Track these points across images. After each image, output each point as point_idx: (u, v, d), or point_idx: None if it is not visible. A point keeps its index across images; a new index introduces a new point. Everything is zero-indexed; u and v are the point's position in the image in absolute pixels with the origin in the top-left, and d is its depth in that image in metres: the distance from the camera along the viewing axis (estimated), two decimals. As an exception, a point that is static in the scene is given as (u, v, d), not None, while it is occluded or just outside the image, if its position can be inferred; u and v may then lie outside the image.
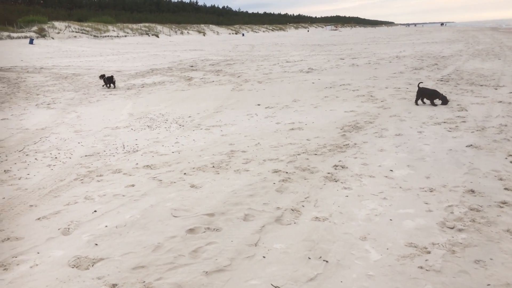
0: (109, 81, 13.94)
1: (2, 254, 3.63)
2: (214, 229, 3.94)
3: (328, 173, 5.32)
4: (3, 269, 3.39)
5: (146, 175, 5.54)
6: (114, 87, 14.00)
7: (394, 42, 36.10)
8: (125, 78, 16.51)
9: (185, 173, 5.54)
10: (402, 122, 7.78)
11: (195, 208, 4.42)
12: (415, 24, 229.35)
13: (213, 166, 5.77)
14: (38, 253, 3.64)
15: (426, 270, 3.19)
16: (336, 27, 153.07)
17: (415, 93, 9.50)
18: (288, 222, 4.07)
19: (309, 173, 5.35)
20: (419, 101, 9.35)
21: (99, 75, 14.93)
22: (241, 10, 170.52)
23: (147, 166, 5.91)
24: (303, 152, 6.24)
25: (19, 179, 5.57)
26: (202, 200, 4.63)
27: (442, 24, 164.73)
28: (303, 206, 4.40)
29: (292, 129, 7.69)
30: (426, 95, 9.26)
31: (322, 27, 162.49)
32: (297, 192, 4.76)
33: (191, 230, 3.93)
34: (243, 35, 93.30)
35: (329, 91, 11.67)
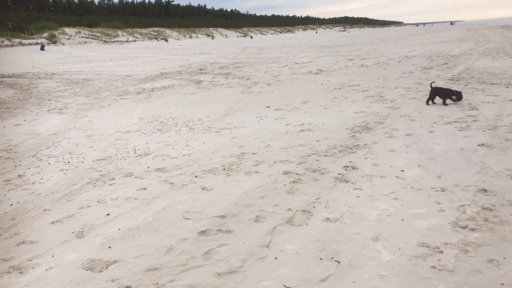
0: None
1: (18, 257, 3.69)
2: (225, 231, 3.97)
3: (339, 174, 5.32)
4: (18, 272, 3.45)
5: (158, 178, 5.59)
6: None
7: (403, 42, 35.90)
8: (135, 83, 16.63)
9: (196, 176, 5.57)
10: (412, 122, 7.74)
11: (206, 210, 4.45)
12: (424, 24, 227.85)
13: (224, 169, 5.80)
14: (53, 256, 3.69)
15: (439, 270, 3.18)
16: (345, 28, 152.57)
17: (426, 93, 9.41)
18: (299, 223, 4.07)
19: (320, 174, 5.35)
20: (430, 101, 9.23)
21: None
22: (249, 13, 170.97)
23: (159, 169, 5.96)
24: (313, 154, 6.24)
25: (33, 183, 5.65)
26: (213, 202, 4.65)
27: (451, 23, 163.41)
28: (314, 207, 4.41)
29: (302, 130, 7.69)
30: (440, 94, 9.11)
31: (331, 28, 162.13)
32: (307, 193, 4.77)
33: (203, 232, 3.96)
34: (251, 37, 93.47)
35: (338, 92, 11.66)
